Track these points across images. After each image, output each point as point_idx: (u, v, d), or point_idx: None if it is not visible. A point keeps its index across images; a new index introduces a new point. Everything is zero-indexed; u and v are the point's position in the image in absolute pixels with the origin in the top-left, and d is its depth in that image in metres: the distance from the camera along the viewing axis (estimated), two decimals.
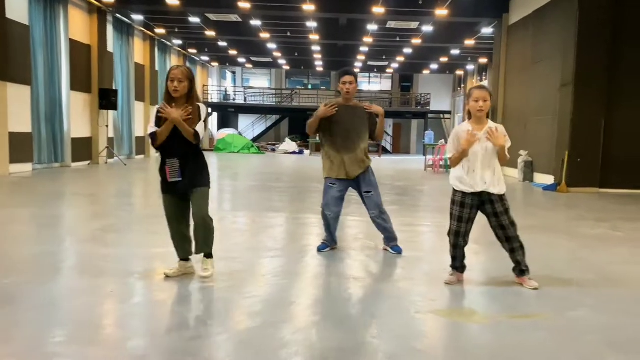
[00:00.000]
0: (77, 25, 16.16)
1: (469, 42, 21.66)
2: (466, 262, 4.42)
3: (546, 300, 3.99)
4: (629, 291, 4.35)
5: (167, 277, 4.24)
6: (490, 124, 4.23)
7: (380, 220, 5.32)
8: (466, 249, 4.37)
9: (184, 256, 4.35)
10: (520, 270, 4.30)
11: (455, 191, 4.29)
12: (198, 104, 4.20)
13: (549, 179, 13.36)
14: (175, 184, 4.15)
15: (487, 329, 3.45)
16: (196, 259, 4.39)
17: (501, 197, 4.22)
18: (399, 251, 5.35)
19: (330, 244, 5.44)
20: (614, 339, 3.28)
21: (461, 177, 4.22)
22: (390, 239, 5.39)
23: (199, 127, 4.12)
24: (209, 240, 4.27)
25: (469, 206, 4.22)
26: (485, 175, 4.17)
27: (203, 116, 4.19)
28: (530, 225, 7.29)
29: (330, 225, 5.34)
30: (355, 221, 7.22)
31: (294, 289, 4.21)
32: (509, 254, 4.30)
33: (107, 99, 16.92)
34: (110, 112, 17.85)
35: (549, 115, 13.78)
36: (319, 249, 5.39)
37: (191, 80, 4.16)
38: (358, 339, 3.17)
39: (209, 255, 4.33)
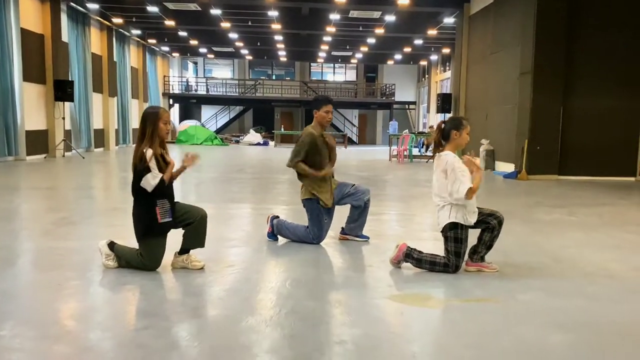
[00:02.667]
0: (28, 14, 15.58)
1: (432, 32, 21.81)
2: (424, 248, 4.43)
3: (499, 284, 4.04)
4: (580, 274, 4.43)
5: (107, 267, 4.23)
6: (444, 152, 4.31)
7: (369, 202, 5.34)
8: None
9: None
10: (482, 257, 4.34)
11: (463, 227, 4.17)
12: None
13: (510, 167, 13.60)
14: (168, 224, 4.14)
15: (441, 313, 3.49)
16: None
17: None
18: (366, 238, 5.39)
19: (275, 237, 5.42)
20: (562, 320, 3.33)
21: (473, 209, 4.17)
22: (361, 228, 5.43)
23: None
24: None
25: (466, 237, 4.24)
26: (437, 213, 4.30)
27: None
28: None
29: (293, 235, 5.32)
30: None
31: (255, 277, 4.15)
32: (485, 250, 4.33)
33: (62, 90, 16.41)
34: (67, 103, 17.34)
35: (509, 104, 13.99)
36: (271, 238, 5.38)
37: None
38: (315, 324, 3.15)
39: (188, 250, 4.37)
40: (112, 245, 4.24)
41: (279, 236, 5.41)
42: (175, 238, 4.26)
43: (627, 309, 3.59)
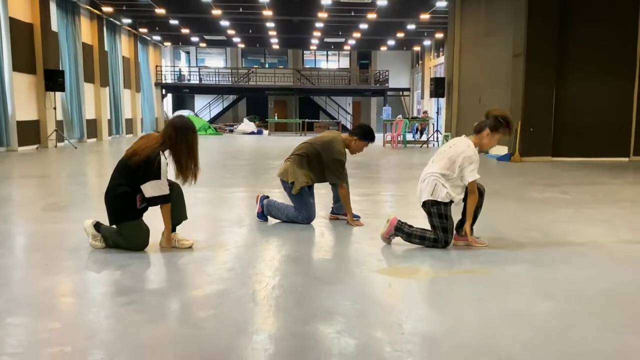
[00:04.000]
0: (17, 3, 15.40)
1: (424, 17, 21.67)
2: (416, 224, 4.42)
3: (487, 257, 4.04)
4: (568, 246, 4.44)
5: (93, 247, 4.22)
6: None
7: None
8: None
9: None
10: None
11: (446, 204, 4.20)
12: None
13: (503, 150, 13.58)
14: (144, 208, 4.17)
15: (427, 284, 3.49)
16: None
17: None
18: (357, 217, 5.38)
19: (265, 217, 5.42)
20: (548, 289, 3.34)
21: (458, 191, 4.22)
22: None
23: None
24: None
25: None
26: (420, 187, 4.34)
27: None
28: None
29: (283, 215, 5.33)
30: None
31: (248, 255, 4.14)
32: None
33: (53, 80, 16.26)
34: (58, 94, 17.20)
35: (503, 87, 13.96)
36: (261, 219, 5.37)
37: None
38: (302, 297, 3.15)
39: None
40: (98, 226, 4.21)
41: (268, 217, 5.39)
42: (159, 218, 4.22)
43: (614, 278, 3.60)
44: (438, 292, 3.36)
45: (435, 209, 4.16)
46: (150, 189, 3.98)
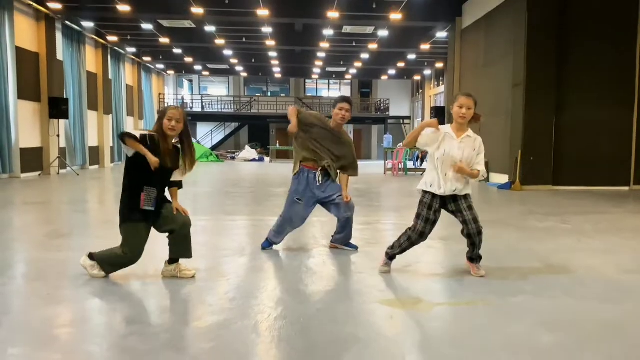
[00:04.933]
0: (23, 32, 15.66)
1: (425, 47, 21.99)
2: (417, 254, 4.44)
3: (489, 287, 4.04)
4: (570, 276, 4.44)
5: (93, 277, 4.19)
6: (470, 133, 4.29)
7: (351, 219, 5.31)
8: (421, 244, 4.40)
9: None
10: (471, 258, 4.35)
11: (424, 193, 4.28)
12: (177, 145, 4.27)
13: (503, 179, 13.62)
14: (149, 213, 4.12)
15: (431, 315, 3.48)
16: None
17: (465, 195, 4.28)
18: (355, 247, 5.39)
19: (273, 244, 5.43)
20: (550, 320, 3.34)
21: (433, 181, 4.22)
22: (348, 238, 5.41)
23: (180, 176, 4.30)
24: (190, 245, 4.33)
25: (435, 209, 4.24)
26: (455, 183, 4.21)
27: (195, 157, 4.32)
28: (481, 220, 7.38)
29: (285, 233, 5.34)
30: (312, 221, 7.16)
31: (249, 285, 4.14)
32: (468, 245, 4.35)
33: (57, 108, 16.42)
34: (62, 121, 17.35)
35: (502, 116, 14.07)
36: (265, 247, 5.38)
37: (186, 123, 4.22)
38: (304, 328, 3.14)
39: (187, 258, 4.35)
40: (91, 256, 4.23)
41: (273, 245, 5.40)
42: (164, 246, 4.24)
43: (617, 309, 3.59)
44: (440, 323, 3.35)
45: (420, 196, 4.33)
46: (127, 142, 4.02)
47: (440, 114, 18.77)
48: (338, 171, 5.29)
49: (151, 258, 4.39)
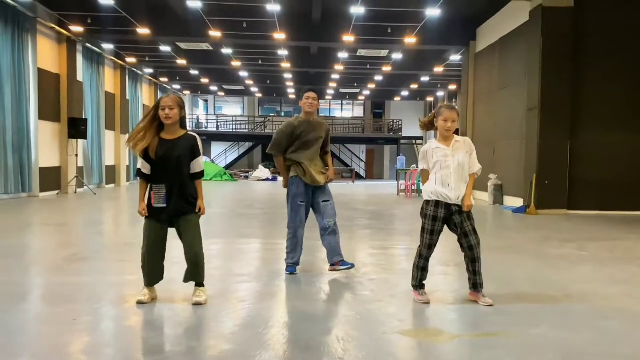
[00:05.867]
0: (46, 54, 16.04)
1: (438, 69, 22.14)
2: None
3: (508, 318, 4.04)
4: (589, 307, 4.43)
5: (141, 303, 4.19)
6: (458, 138, 4.40)
7: (335, 228, 5.38)
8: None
9: (153, 284, 4.32)
10: (474, 284, 4.37)
11: (427, 203, 4.38)
12: (192, 134, 4.33)
13: (518, 202, 13.59)
14: (161, 210, 4.15)
15: (452, 347, 3.49)
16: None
17: (469, 215, 4.35)
18: (350, 266, 5.42)
19: (297, 264, 5.48)
20: (571, 353, 3.34)
21: (435, 190, 4.31)
22: (337, 253, 5.43)
23: (201, 162, 4.32)
24: (201, 272, 4.30)
25: (440, 219, 4.32)
26: (460, 188, 4.29)
27: (200, 147, 4.32)
28: (497, 247, 7.40)
29: (300, 243, 5.40)
30: None
31: (266, 312, 4.18)
32: (469, 264, 4.36)
33: (76, 128, 16.73)
34: (80, 141, 17.65)
35: (517, 139, 14.09)
36: (292, 272, 5.42)
37: (181, 107, 4.25)
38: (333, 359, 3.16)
39: (200, 284, 4.34)
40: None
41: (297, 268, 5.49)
42: (178, 270, 4.30)
43: (638, 342, 3.58)
44: (463, 355, 3.36)
45: (422, 209, 4.44)
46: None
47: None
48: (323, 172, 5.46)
49: (167, 282, 4.46)
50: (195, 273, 4.27)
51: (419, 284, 4.46)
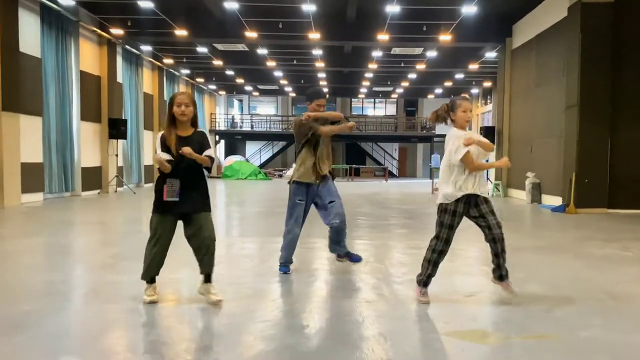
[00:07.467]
0: (87, 57, 16.50)
1: (473, 67, 21.88)
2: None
3: (556, 320, 4.01)
4: (637, 309, 4.36)
5: (153, 303, 4.24)
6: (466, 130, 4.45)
7: (342, 226, 5.35)
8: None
9: (154, 279, 4.36)
10: (500, 275, 4.36)
11: (446, 205, 4.36)
12: (201, 130, 4.38)
13: (557, 201, 13.36)
14: (173, 204, 4.18)
15: (501, 350, 3.48)
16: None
17: (486, 199, 4.35)
18: (359, 259, 5.47)
19: (290, 263, 5.49)
20: (622, 356, 3.31)
21: (455, 183, 4.29)
22: (344, 248, 5.47)
23: (211, 152, 4.30)
24: (214, 262, 4.34)
25: (459, 214, 4.32)
26: (476, 178, 4.30)
27: (209, 140, 4.37)
28: (538, 246, 7.32)
29: (294, 243, 5.43)
30: (364, 244, 7.27)
31: (305, 312, 4.25)
32: (494, 256, 4.36)
33: (116, 129, 17.17)
34: (120, 141, 18.09)
35: (555, 137, 13.84)
36: (285, 272, 5.41)
37: (195, 105, 4.32)
38: None
39: (209, 278, 4.34)
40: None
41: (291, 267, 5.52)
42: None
43: None
44: (511, 358, 3.34)
45: (439, 206, 4.39)
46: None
47: (490, 134, 18.59)
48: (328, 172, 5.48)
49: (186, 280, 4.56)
50: (211, 263, 4.28)
51: (426, 280, 4.43)
